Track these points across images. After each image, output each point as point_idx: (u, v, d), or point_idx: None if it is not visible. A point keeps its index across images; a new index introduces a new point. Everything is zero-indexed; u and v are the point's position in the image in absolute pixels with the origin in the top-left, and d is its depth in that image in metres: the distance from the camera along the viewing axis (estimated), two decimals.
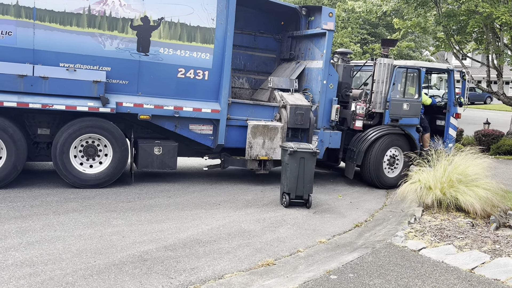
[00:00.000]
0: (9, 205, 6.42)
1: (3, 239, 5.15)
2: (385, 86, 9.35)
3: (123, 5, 7.46)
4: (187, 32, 7.88)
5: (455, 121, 10.41)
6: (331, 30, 8.90)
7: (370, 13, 16.65)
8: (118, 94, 7.60)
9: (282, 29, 10.18)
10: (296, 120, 8.65)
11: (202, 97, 8.16)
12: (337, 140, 9.22)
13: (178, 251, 5.20)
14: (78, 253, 4.92)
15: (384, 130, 9.34)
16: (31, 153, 7.67)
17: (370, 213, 7.49)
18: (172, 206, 6.99)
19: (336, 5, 20.64)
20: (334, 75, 9.10)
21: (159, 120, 7.93)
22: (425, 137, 10.20)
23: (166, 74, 7.87)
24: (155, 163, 8.03)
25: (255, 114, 8.64)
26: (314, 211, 7.25)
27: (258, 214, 6.88)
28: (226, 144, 8.40)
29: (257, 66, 10.19)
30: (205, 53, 8.05)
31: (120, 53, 7.52)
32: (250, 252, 5.35)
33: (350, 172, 9.36)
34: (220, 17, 8.05)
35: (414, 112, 9.63)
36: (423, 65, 9.89)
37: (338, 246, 5.78)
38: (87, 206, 6.65)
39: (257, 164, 8.59)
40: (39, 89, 7.07)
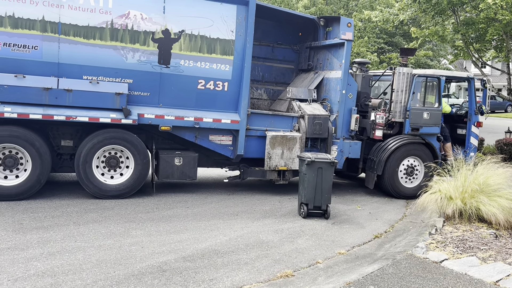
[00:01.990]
0: (31, 215, 6.53)
1: (25, 249, 5.22)
2: (404, 95, 9.26)
3: (144, 18, 7.60)
4: (207, 44, 8.00)
5: (477, 130, 10.23)
6: (349, 40, 8.90)
7: (387, 22, 16.58)
8: (140, 105, 7.73)
9: (300, 40, 10.22)
10: (315, 130, 8.64)
11: (222, 108, 8.24)
12: (357, 150, 9.16)
13: (196, 262, 5.20)
14: (98, 263, 4.96)
15: (404, 139, 9.23)
16: (55, 164, 7.82)
17: (390, 223, 7.39)
18: (190, 216, 7.00)
19: (352, 15, 20.62)
20: (353, 84, 9.08)
21: (179, 131, 8.03)
22: (447, 146, 10.06)
23: (186, 85, 7.98)
24: (176, 174, 8.10)
25: (274, 125, 8.67)
26: (332, 222, 7.18)
27: (276, 224, 6.85)
28: (246, 154, 8.43)
29: (275, 77, 10.24)
30: (225, 65, 8.15)
31: (141, 66, 7.66)
32: (269, 263, 5.31)
33: (370, 182, 9.27)
34: (239, 29, 8.15)
35: (434, 121, 9.50)
36: (442, 74, 9.77)
37: (358, 258, 5.71)
38: (107, 216, 6.71)
39: (276, 174, 8.59)
40: (63, 102, 7.23)
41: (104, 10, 7.39)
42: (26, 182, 7.22)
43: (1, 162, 7.19)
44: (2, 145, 7.12)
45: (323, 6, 22.70)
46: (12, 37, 7.01)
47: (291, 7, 21.90)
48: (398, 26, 19.40)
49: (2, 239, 5.50)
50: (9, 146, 7.16)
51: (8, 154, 7.21)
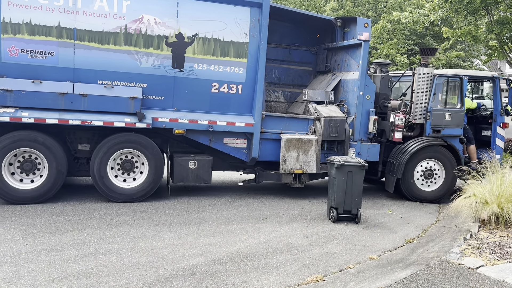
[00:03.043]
0: (66, 218, 6.71)
1: (61, 251, 5.37)
2: (425, 96, 9.04)
3: (158, 22, 7.66)
4: (221, 47, 7.99)
5: (503, 131, 9.86)
6: (366, 40, 8.76)
7: (417, 23, 16.28)
8: (154, 109, 7.77)
9: (317, 41, 10.12)
10: (331, 132, 8.52)
11: (236, 111, 8.22)
12: (375, 152, 8.98)
13: (226, 265, 5.22)
14: (130, 265, 5.05)
15: (425, 141, 9.00)
16: (72, 168, 7.95)
17: (422, 228, 7.23)
18: (220, 220, 7.04)
19: (381, 17, 20.36)
20: (371, 86, 8.93)
21: (193, 134, 8.05)
22: (471, 148, 9.71)
23: (200, 89, 7.99)
24: (190, 177, 8.11)
25: (289, 127, 8.59)
26: (363, 226, 7.08)
27: (305, 228, 6.81)
28: (260, 157, 8.38)
29: (292, 79, 10.16)
30: (239, 68, 8.13)
31: (155, 70, 7.72)
32: (299, 267, 5.28)
33: (390, 186, 9.06)
34: (253, 31, 8.12)
35: (457, 122, 9.19)
36: (465, 74, 9.46)
37: (390, 263, 5.61)
38: (138, 219, 6.83)
39: (292, 177, 8.48)
40: (79, 106, 7.33)
41: (118, 15, 7.47)
42: (42, 186, 7.34)
43: (20, 165, 7.34)
44: (21, 149, 7.26)
45: (351, 8, 22.51)
46: (29, 43, 7.17)
47: (319, 10, 21.81)
48: (428, 27, 19.02)
49: (40, 241, 5.67)
50: (28, 150, 7.30)
51: (27, 158, 7.35)
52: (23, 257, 5.13)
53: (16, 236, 5.81)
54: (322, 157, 8.70)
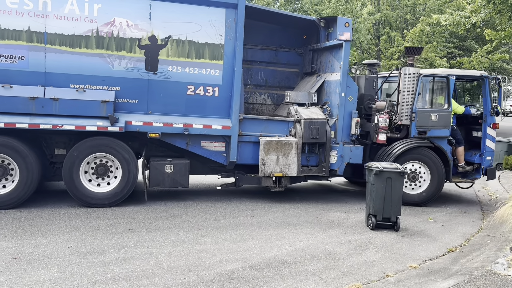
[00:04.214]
0: (107, 221, 6.89)
1: (102, 254, 5.51)
2: (410, 97, 8.80)
3: (130, 25, 7.59)
4: (195, 49, 7.88)
5: (493, 132, 9.44)
6: (347, 40, 8.57)
7: (458, 25, 15.82)
8: (128, 113, 7.68)
9: (304, 43, 9.94)
10: (311, 134, 8.36)
11: (213, 114, 8.08)
12: (358, 155, 8.74)
13: (263, 271, 5.21)
14: (169, 269, 5.12)
15: (411, 143, 8.75)
16: (48, 173, 7.94)
17: (465, 237, 6.98)
18: (256, 225, 7.04)
19: (420, 20, 19.92)
20: (353, 87, 8.73)
21: (169, 138, 7.92)
22: (459, 150, 9.34)
23: (175, 91, 7.88)
24: (167, 181, 8.01)
25: (269, 130, 8.45)
26: (402, 234, 6.91)
27: (343, 236, 6.71)
28: (239, 161, 8.24)
29: (279, 81, 10.05)
30: (215, 70, 7.99)
31: (128, 73, 7.63)
32: (337, 275, 5.21)
33: None
34: (228, 32, 7.98)
35: (443, 123, 8.90)
36: (452, 73, 9.15)
37: (431, 272, 5.44)
38: (176, 224, 6.93)
39: (272, 181, 8.34)
40: (50, 110, 7.26)
41: (89, 19, 7.42)
42: (14, 191, 7.30)
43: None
44: None
45: (388, 12, 22.15)
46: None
47: (355, 14, 21.58)
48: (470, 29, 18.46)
49: (82, 243, 5.85)
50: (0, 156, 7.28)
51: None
52: (67, 259, 5.30)
53: (60, 238, 6.02)
54: (303, 160, 8.57)
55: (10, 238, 5.94)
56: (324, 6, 20.53)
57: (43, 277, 4.77)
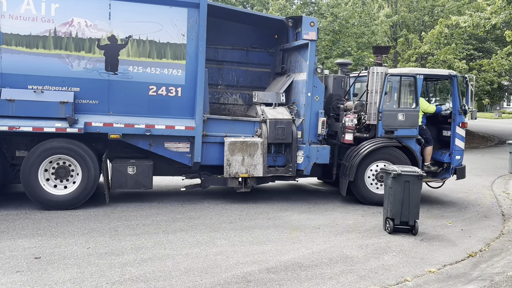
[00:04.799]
0: (125, 223, 6.96)
1: (120, 255, 5.57)
2: (378, 96, 8.72)
3: (89, 25, 7.52)
4: (157, 49, 7.81)
5: (462, 131, 9.34)
6: (313, 40, 8.49)
7: (477, 27, 15.60)
8: (89, 114, 7.57)
9: (276, 42, 9.86)
10: (277, 135, 8.29)
11: (177, 114, 7.99)
12: (325, 155, 8.68)
13: (280, 274, 5.20)
14: (186, 271, 5.15)
15: (378, 143, 8.66)
16: (8, 175, 7.85)
17: (485, 242, 6.86)
18: (272, 228, 7.04)
19: (438, 21, 19.67)
20: (319, 86, 8.66)
21: (132, 139, 7.83)
22: (427, 150, 9.26)
23: (137, 92, 7.79)
24: (129, 183, 7.90)
25: (234, 130, 8.38)
26: (421, 238, 6.83)
27: (360, 239, 6.66)
28: (204, 162, 8.17)
29: (251, 81, 9.99)
30: (177, 70, 7.91)
31: (88, 73, 7.54)
32: (354, 279, 5.17)
33: (342, 189, 8.79)
34: (190, 32, 7.90)
35: (411, 122, 8.82)
36: (420, 72, 9.06)
37: (450, 277, 5.36)
38: (193, 226, 6.97)
39: (238, 182, 8.27)
40: (6, 112, 7.14)
41: (47, 19, 7.34)
42: None
43: None
44: None
45: (406, 14, 21.95)
46: None
47: (372, 17, 21.44)
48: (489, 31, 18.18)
49: (101, 245, 5.93)
50: None
51: None
52: (86, 259, 5.38)
53: (80, 239, 6.11)
54: (270, 160, 8.51)
55: (31, 239, 6.06)
56: (341, 8, 20.45)
57: (63, 277, 4.84)
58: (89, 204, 7.93)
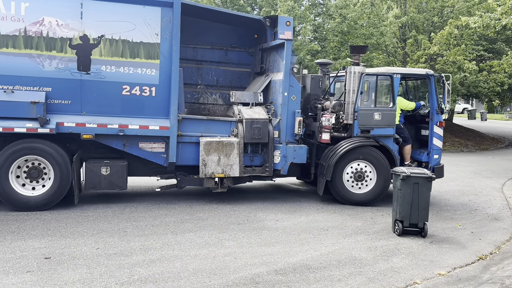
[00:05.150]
0: (134, 224, 7.00)
1: (129, 256, 5.60)
2: (355, 96, 8.69)
3: (60, 24, 7.45)
4: (130, 48, 7.75)
5: (440, 130, 9.26)
6: (289, 39, 8.46)
7: (488, 28, 15.46)
8: (61, 114, 7.51)
9: (256, 42, 9.81)
10: (253, 134, 8.25)
11: (151, 114, 7.92)
12: (302, 154, 8.65)
13: (288, 275, 5.19)
14: (194, 272, 5.16)
15: (355, 142, 8.64)
16: None
17: (496, 245, 6.80)
18: (280, 229, 7.03)
19: (448, 22, 19.52)
20: (296, 86, 8.64)
21: (105, 139, 7.78)
22: (406, 149, 9.22)
23: (110, 92, 7.72)
24: (103, 184, 7.83)
25: (210, 130, 8.32)
26: (430, 241, 6.78)
27: (369, 241, 6.63)
28: (181, 162, 8.11)
29: (230, 81, 9.94)
30: (151, 69, 7.85)
31: (60, 73, 7.47)
32: (363, 281, 5.15)
33: (320, 188, 8.77)
34: (164, 31, 7.83)
35: (387, 122, 8.79)
36: (396, 72, 9.02)
37: (460, 280, 5.32)
38: (201, 227, 6.98)
39: (214, 182, 8.21)
40: None
41: (16, 18, 7.27)
42: None
43: None
44: None
45: (415, 15, 21.81)
46: None
47: (381, 18, 21.35)
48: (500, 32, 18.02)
49: (110, 245, 5.96)
50: None
51: None
52: (95, 260, 5.41)
53: (89, 240, 6.15)
54: (247, 160, 8.47)
55: (42, 239, 6.11)
56: (349, 9, 20.39)
57: (73, 278, 4.88)
58: (99, 204, 7.98)
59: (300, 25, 20.66)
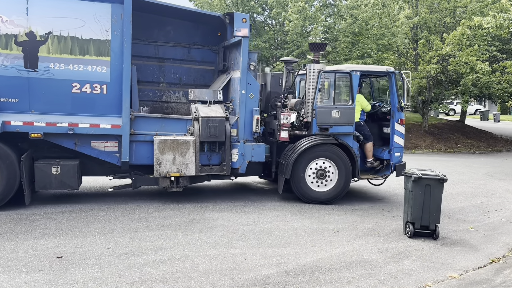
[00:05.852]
0: (144, 224, 7.04)
1: (140, 256, 5.63)
2: (313, 93, 8.64)
3: (5, 21, 7.32)
4: (79, 45, 7.61)
5: (401, 128, 9.17)
6: (245, 36, 8.37)
7: (501, 28, 15.27)
8: (8, 112, 7.38)
9: (220, 40, 9.70)
10: (209, 133, 8.15)
11: (103, 112, 7.78)
12: (261, 153, 8.57)
13: (298, 277, 5.18)
14: (204, 273, 5.17)
15: (314, 140, 8.58)
16: None
17: (509, 247, 6.71)
18: (290, 231, 7.02)
19: (460, 23, 19.33)
20: (254, 84, 8.55)
21: (55, 138, 7.64)
22: (367, 146, 9.18)
23: (59, 90, 7.57)
24: (54, 184, 7.68)
25: (165, 128, 8.20)
26: (442, 243, 6.72)
27: (379, 243, 6.59)
28: (135, 161, 8.01)
29: (194, 79, 9.86)
30: (101, 66, 7.73)
31: (5, 71, 7.34)
32: (373, 283, 5.12)
33: (279, 187, 8.71)
34: (115, 28, 7.72)
35: (346, 119, 8.76)
36: (356, 69, 8.97)
37: (473, 283, 5.26)
38: (211, 227, 6.99)
39: (169, 181, 8.09)
40: None
41: None
42: None
43: None
44: None
45: (427, 15, 21.64)
46: None
47: (392, 18, 21.22)
48: None
49: (121, 245, 6.00)
50: None
51: None
52: (106, 260, 5.45)
53: (100, 240, 6.20)
54: (204, 159, 8.38)
55: (53, 238, 6.18)
56: (360, 10, 20.30)
57: (84, 277, 4.92)
58: (110, 205, 8.04)
59: (311, 26, 20.62)
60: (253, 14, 22.60)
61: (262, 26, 23.41)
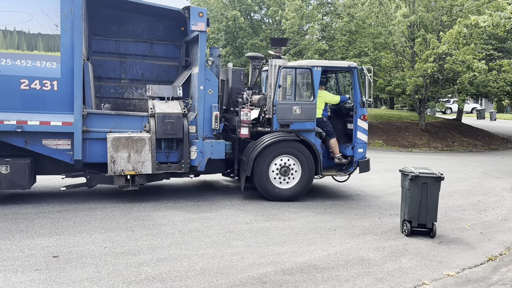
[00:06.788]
0: (141, 223, 7.02)
1: (137, 255, 5.62)
2: (273, 89, 8.59)
3: None
4: (27, 40, 7.42)
5: (364, 124, 9.15)
6: (202, 31, 8.27)
7: (497, 26, 15.30)
8: None
9: (183, 35, 9.59)
10: (166, 129, 8.00)
11: (54, 109, 7.59)
12: (220, 150, 8.47)
13: (295, 275, 5.18)
14: (201, 271, 5.16)
15: (276, 137, 8.54)
16: None
17: (506, 245, 6.73)
18: (287, 229, 7.01)
19: (457, 21, 19.37)
20: (212, 80, 8.44)
21: (4, 136, 7.48)
22: (331, 142, 9.17)
23: (6, 86, 7.39)
24: (3, 183, 7.52)
25: (120, 126, 8.02)
26: (439, 241, 6.73)
27: (377, 242, 6.59)
28: (89, 159, 7.85)
29: (157, 75, 9.74)
30: (51, 62, 7.53)
31: None
32: (371, 281, 5.12)
33: (241, 184, 8.67)
34: (65, 22, 7.53)
35: (307, 116, 8.70)
36: (316, 64, 8.91)
37: (470, 281, 5.27)
38: (208, 226, 6.98)
39: (124, 180, 7.91)
40: None
41: None
42: None
43: None
44: None
45: (424, 14, 21.68)
46: None
47: (389, 17, 21.23)
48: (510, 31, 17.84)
49: (117, 244, 5.98)
50: None
51: None
52: (103, 259, 5.43)
53: (97, 239, 6.17)
54: (162, 157, 8.26)
55: (50, 237, 6.15)
56: (357, 8, 20.31)
57: (81, 276, 4.90)
58: (107, 204, 8.01)
59: (308, 24, 20.61)
60: (250, 13, 22.57)
61: (259, 24, 23.39)
